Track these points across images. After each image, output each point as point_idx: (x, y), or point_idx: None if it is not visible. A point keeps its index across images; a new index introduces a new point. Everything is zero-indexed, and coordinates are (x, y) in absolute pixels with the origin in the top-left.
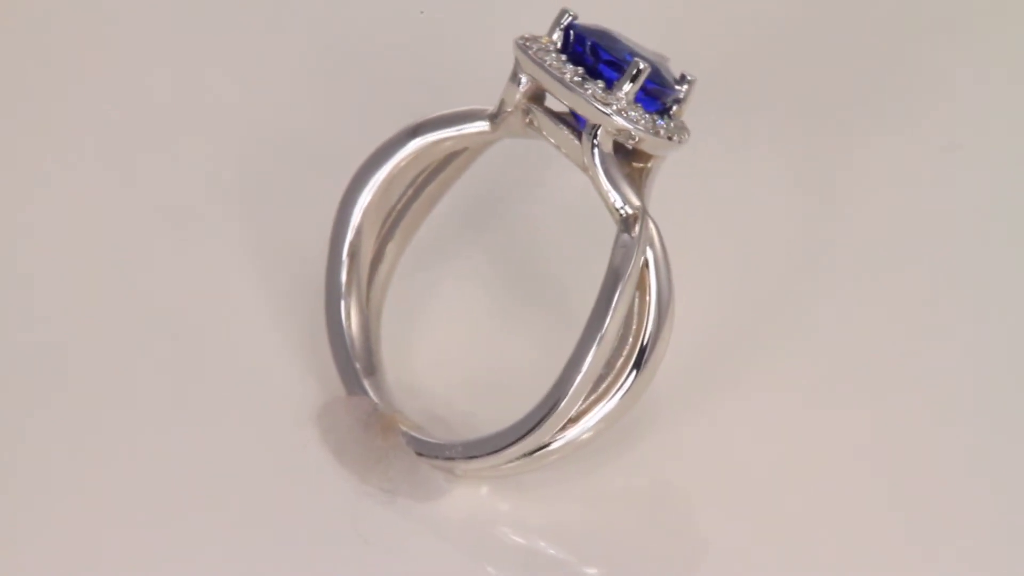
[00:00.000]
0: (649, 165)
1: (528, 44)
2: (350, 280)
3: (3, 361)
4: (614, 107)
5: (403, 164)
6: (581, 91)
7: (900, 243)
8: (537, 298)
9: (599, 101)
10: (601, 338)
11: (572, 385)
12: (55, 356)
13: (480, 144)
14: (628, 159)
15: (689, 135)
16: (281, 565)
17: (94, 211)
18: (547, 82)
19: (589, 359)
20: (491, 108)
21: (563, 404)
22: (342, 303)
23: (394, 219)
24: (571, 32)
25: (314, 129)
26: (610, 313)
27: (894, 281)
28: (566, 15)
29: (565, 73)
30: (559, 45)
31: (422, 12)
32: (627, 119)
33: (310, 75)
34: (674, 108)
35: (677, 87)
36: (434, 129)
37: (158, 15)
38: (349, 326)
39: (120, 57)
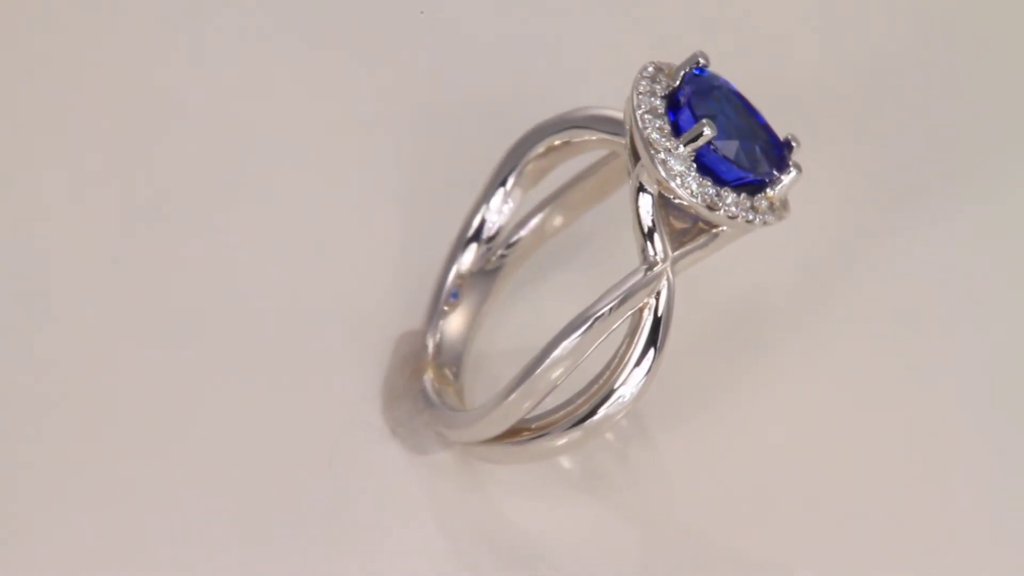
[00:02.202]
0: (711, 233)
1: (644, 68)
2: (479, 256)
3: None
4: (660, 155)
5: (563, 145)
6: (640, 126)
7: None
8: None
9: (651, 143)
10: (578, 334)
11: (538, 368)
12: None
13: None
14: (694, 218)
15: (760, 221)
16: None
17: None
18: (629, 109)
19: (562, 345)
20: None
21: (523, 386)
22: (455, 266)
23: (543, 203)
24: (692, 75)
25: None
26: (583, 327)
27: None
28: (696, 59)
29: (641, 106)
30: (676, 83)
31: (422, 12)
32: (664, 168)
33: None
34: (768, 191)
35: (775, 172)
36: (593, 123)
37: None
38: (459, 287)
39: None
